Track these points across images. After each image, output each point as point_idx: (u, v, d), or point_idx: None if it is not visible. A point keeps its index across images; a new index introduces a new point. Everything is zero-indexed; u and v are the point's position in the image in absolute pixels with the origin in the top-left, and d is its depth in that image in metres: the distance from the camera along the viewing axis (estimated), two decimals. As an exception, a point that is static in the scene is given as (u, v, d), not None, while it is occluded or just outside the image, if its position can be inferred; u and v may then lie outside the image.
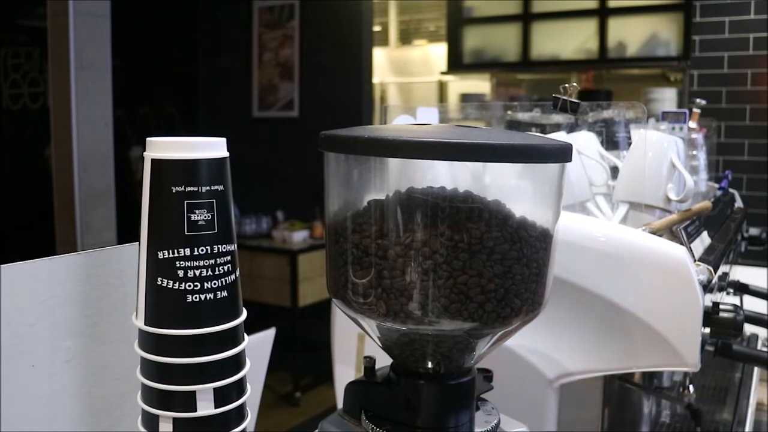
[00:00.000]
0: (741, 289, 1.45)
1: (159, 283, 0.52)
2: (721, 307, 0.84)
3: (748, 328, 1.46)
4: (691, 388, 1.17)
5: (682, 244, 0.86)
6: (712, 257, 0.93)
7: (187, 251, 0.51)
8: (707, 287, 0.81)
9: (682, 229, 0.92)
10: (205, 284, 0.52)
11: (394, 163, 0.56)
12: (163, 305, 0.52)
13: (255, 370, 0.71)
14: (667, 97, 3.14)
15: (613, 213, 1.03)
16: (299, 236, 3.66)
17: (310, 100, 3.88)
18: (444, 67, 4.30)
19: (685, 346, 0.79)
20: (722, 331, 0.84)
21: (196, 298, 0.52)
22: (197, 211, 0.51)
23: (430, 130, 0.57)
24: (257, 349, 0.82)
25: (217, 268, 0.53)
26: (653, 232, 0.87)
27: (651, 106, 3.02)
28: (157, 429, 0.53)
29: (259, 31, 4.03)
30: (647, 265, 0.81)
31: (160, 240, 0.51)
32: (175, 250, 0.51)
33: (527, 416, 0.71)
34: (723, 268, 1.05)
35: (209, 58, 4.17)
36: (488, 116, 1.30)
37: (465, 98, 4.18)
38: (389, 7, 5.54)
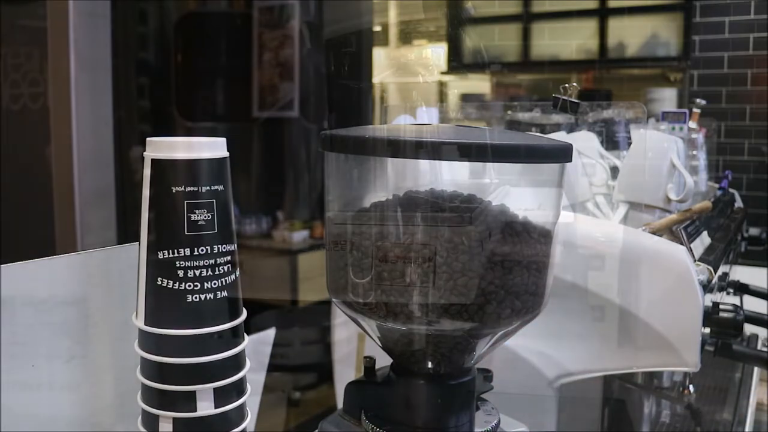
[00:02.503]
0: (741, 289, 1.45)
1: (159, 283, 0.52)
2: (721, 307, 0.84)
3: (748, 328, 1.46)
4: (691, 388, 1.17)
5: (682, 244, 0.86)
6: (712, 257, 0.93)
7: (187, 251, 0.51)
8: (707, 287, 0.81)
9: (682, 229, 0.92)
10: (205, 284, 0.52)
11: (394, 163, 0.56)
12: (163, 305, 0.52)
13: (255, 370, 0.71)
14: (667, 97, 3.14)
15: (613, 213, 1.03)
16: (299, 236, 3.65)
17: (310, 100, 3.87)
18: (444, 67, 4.30)
19: (685, 346, 0.78)
20: (722, 331, 0.84)
21: (196, 298, 0.52)
22: (197, 211, 0.51)
23: (430, 130, 0.57)
24: (257, 349, 0.82)
25: (217, 268, 0.53)
26: (653, 232, 0.87)
27: (651, 106, 3.02)
28: (157, 429, 0.53)
29: (259, 31, 4.03)
30: (647, 265, 0.81)
31: (160, 240, 0.51)
32: (175, 250, 0.51)
33: (527, 416, 0.71)
34: (723, 268, 1.05)
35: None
36: (488, 116, 1.30)
37: (465, 98, 4.18)
38: (389, 7, 5.55)
